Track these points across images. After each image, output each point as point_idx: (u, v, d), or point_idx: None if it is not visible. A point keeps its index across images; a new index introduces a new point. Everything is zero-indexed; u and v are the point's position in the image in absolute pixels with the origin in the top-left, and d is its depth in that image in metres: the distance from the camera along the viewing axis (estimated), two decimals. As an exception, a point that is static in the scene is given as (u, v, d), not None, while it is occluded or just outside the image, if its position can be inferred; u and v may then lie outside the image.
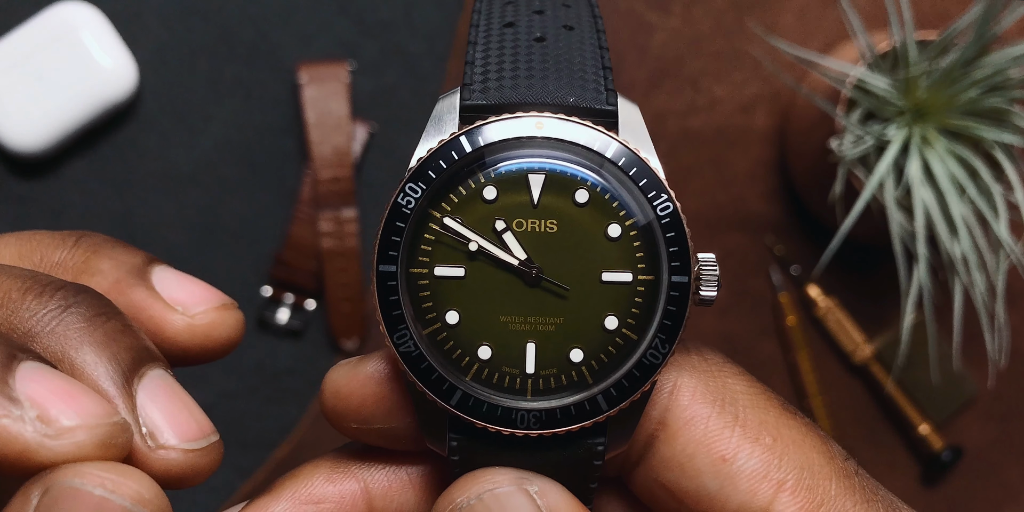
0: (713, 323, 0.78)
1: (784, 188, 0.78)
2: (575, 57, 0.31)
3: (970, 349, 0.77)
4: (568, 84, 0.30)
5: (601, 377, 0.29)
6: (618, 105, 0.30)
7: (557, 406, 0.29)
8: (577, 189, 0.29)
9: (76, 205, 0.75)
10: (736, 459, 0.30)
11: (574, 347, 0.29)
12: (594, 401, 0.29)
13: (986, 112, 0.64)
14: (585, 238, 0.29)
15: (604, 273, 0.29)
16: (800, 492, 0.30)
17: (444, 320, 0.29)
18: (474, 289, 0.29)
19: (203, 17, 0.76)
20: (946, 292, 0.66)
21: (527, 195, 0.29)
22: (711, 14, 0.78)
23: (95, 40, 0.72)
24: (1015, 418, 0.79)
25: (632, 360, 0.29)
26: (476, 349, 0.29)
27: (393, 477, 0.32)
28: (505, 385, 0.29)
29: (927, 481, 0.79)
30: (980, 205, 0.63)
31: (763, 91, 0.78)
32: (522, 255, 0.29)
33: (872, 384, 0.78)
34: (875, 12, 0.77)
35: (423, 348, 0.29)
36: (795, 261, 0.78)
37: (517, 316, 0.29)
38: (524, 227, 0.29)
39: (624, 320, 0.29)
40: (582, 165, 0.29)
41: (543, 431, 0.29)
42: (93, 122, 0.73)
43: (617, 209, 0.29)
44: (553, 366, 0.29)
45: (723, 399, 0.31)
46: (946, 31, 0.63)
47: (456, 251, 0.29)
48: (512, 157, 0.29)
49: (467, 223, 0.29)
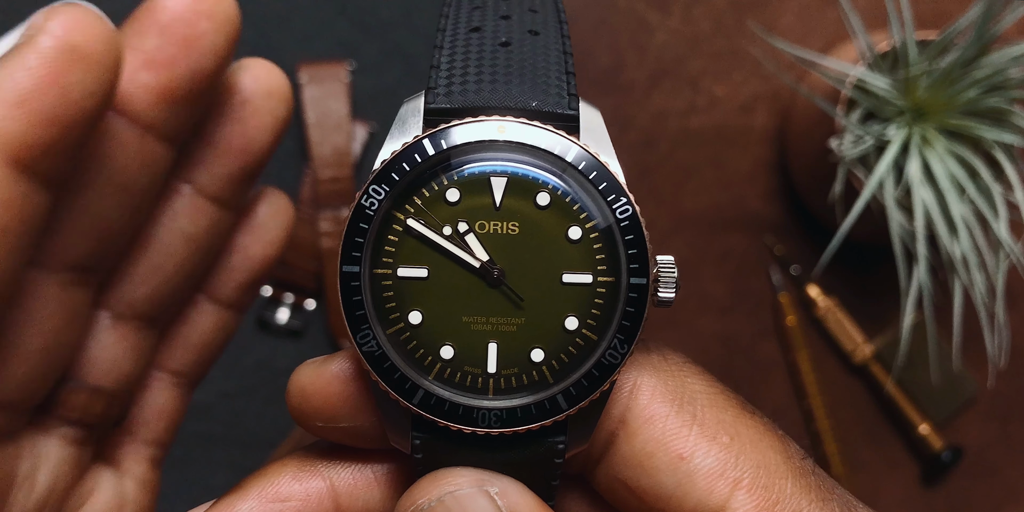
0: (713, 323, 0.78)
1: (784, 188, 0.78)
2: (539, 62, 0.31)
3: (970, 349, 0.77)
4: (531, 89, 0.30)
5: (561, 377, 0.29)
6: (580, 110, 0.30)
7: (518, 405, 0.29)
8: (539, 192, 0.29)
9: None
10: (693, 457, 0.30)
11: (535, 347, 0.30)
12: (554, 400, 0.29)
13: (986, 112, 0.64)
14: (546, 240, 0.29)
15: (565, 274, 0.29)
16: (756, 490, 0.30)
17: (407, 320, 0.29)
18: (437, 290, 0.29)
19: (203, 17, 0.76)
20: (946, 292, 0.66)
21: (489, 198, 0.29)
22: (711, 14, 0.78)
23: (95, 40, 0.72)
24: (1015, 418, 0.79)
25: (592, 360, 0.29)
26: (438, 349, 0.29)
27: (359, 475, 0.32)
28: (467, 384, 0.30)
29: (927, 481, 0.79)
30: (980, 205, 0.63)
31: (763, 91, 0.78)
32: (484, 256, 0.29)
33: (872, 384, 0.78)
34: (875, 12, 0.77)
35: (386, 348, 0.29)
36: (795, 261, 0.78)
37: (479, 316, 0.29)
38: (487, 229, 0.29)
39: (584, 321, 0.29)
40: (543, 169, 0.30)
41: (504, 430, 0.29)
42: (93, 122, 0.73)
43: (578, 212, 0.29)
44: (514, 366, 0.29)
45: (682, 398, 0.31)
46: (946, 31, 0.63)
47: (419, 252, 0.29)
48: (475, 160, 0.29)
49: (430, 225, 0.29)
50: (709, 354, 0.77)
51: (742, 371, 0.78)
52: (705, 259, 0.78)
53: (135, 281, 0.35)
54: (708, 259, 0.78)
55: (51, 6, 0.31)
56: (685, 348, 0.77)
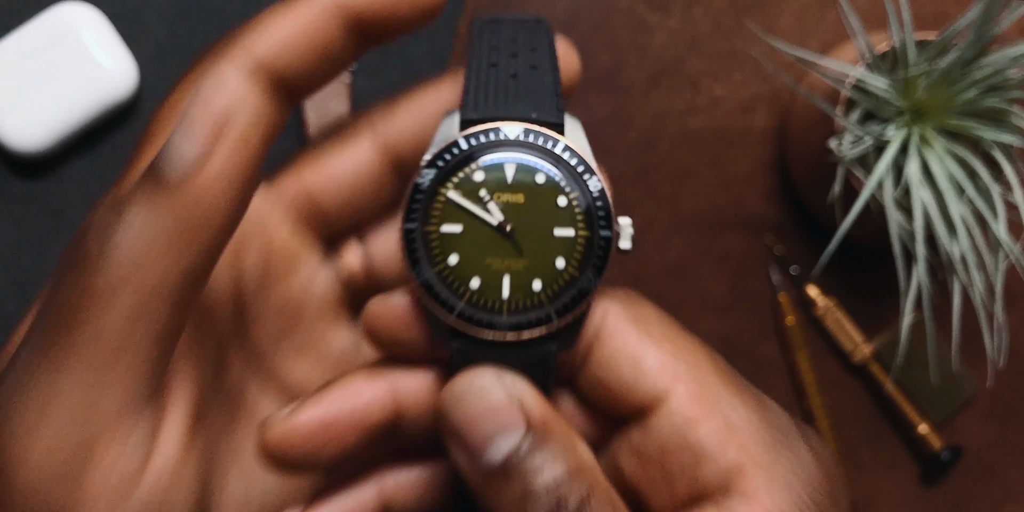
0: (712, 323, 0.78)
1: (783, 188, 0.78)
2: (538, 88, 0.43)
3: (969, 349, 0.77)
4: (532, 105, 0.42)
5: (554, 300, 0.41)
6: (564, 119, 0.42)
7: (524, 320, 0.41)
8: (536, 173, 0.41)
9: (76, 205, 0.75)
10: (645, 358, 0.41)
11: (535, 279, 0.41)
12: (548, 316, 0.41)
13: (985, 112, 0.64)
14: (542, 206, 0.41)
15: (555, 229, 0.41)
16: (689, 382, 0.41)
17: (447, 262, 0.40)
18: (468, 240, 0.41)
19: (203, 18, 0.76)
20: (945, 292, 0.66)
21: (504, 177, 0.41)
22: (710, 15, 0.78)
23: (96, 41, 0.72)
24: (1015, 418, 0.79)
25: (574, 289, 0.41)
26: (469, 281, 0.40)
27: (412, 379, 0.43)
28: (488, 306, 0.41)
29: (927, 481, 0.79)
30: (979, 205, 0.63)
31: (762, 91, 0.78)
32: (500, 217, 0.41)
33: (871, 384, 0.79)
34: (874, 14, 0.78)
35: (433, 281, 0.40)
36: (794, 261, 0.78)
37: (497, 259, 0.41)
38: (502, 199, 0.41)
39: (569, 261, 0.41)
40: (540, 157, 0.41)
41: (514, 338, 0.41)
42: (94, 122, 0.73)
43: (564, 187, 0.41)
44: (521, 292, 0.41)
45: (638, 319, 0.42)
46: (945, 32, 0.63)
47: (456, 215, 0.41)
48: (494, 152, 0.41)
49: (464, 195, 0.41)
50: (709, 354, 0.78)
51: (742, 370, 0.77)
52: (705, 259, 0.78)
53: None
54: (708, 259, 0.78)
55: None
56: (685, 348, 0.77)
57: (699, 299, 0.78)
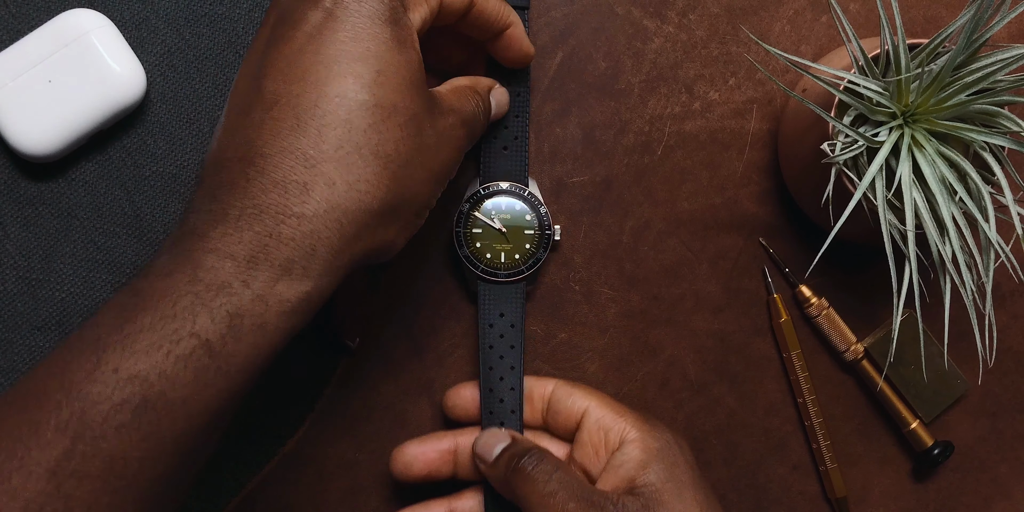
0: (708, 322, 0.79)
1: (777, 190, 0.79)
2: (517, 159, 0.76)
3: (960, 347, 0.78)
4: (514, 171, 0.76)
5: (526, 263, 0.75)
6: (528, 180, 0.76)
7: (511, 272, 0.75)
8: (516, 205, 0.75)
9: (86, 207, 0.76)
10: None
11: (516, 254, 0.75)
12: (521, 270, 0.75)
13: (975, 115, 0.65)
14: (519, 220, 0.75)
15: (525, 231, 0.75)
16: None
17: (475, 245, 0.75)
18: (486, 236, 0.75)
19: (211, 23, 0.77)
20: (936, 292, 0.67)
21: (501, 206, 0.76)
22: (706, 20, 0.79)
23: (105, 46, 0.73)
24: (1005, 414, 0.80)
25: (535, 257, 0.75)
26: (486, 255, 0.75)
27: (466, 437, 0.76)
28: (494, 265, 0.75)
29: (918, 476, 0.80)
30: (970, 206, 0.64)
31: (757, 96, 0.79)
32: (499, 225, 0.75)
33: (863, 382, 0.80)
34: (866, 20, 0.79)
35: (471, 254, 0.75)
36: (788, 261, 0.79)
37: (498, 244, 0.75)
38: (500, 216, 0.75)
39: (532, 244, 0.75)
40: (517, 198, 0.76)
41: (508, 279, 0.75)
42: (103, 126, 0.74)
43: (528, 210, 0.76)
44: (510, 260, 0.75)
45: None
46: (936, 36, 0.64)
47: (479, 223, 0.75)
48: (496, 196, 0.76)
49: (481, 214, 0.75)
50: (704, 352, 0.79)
51: (736, 368, 0.79)
52: (700, 259, 0.79)
53: None
54: (703, 259, 0.79)
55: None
56: (681, 346, 0.78)
57: (695, 299, 0.79)
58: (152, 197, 0.76)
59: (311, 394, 0.78)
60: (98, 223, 0.76)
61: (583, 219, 0.78)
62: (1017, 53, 0.62)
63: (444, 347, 0.78)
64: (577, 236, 0.78)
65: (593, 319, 0.78)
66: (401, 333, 0.78)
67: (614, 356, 0.79)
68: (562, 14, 0.79)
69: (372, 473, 0.78)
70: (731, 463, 0.79)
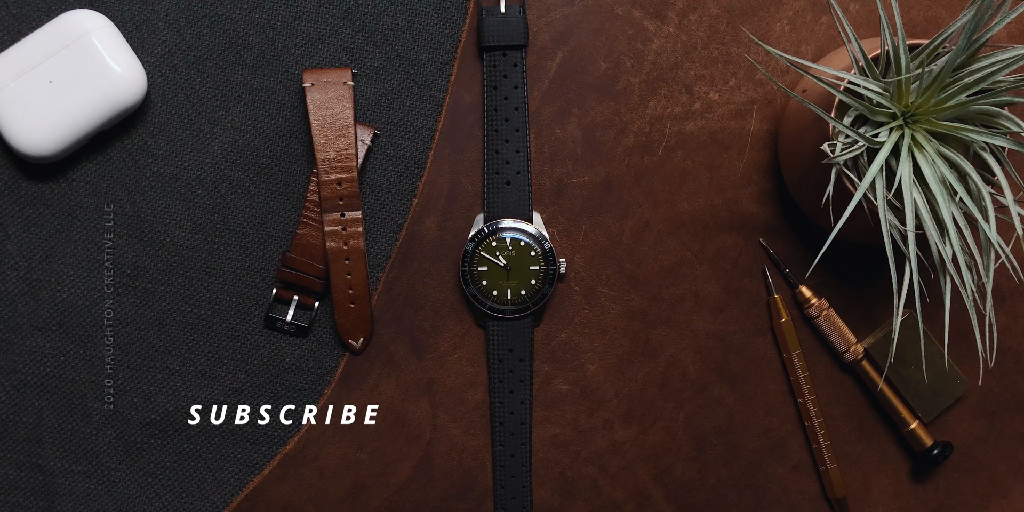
0: (708, 322, 0.79)
1: (778, 190, 0.79)
2: (520, 193, 0.78)
3: (960, 347, 0.78)
4: (518, 206, 0.77)
5: (532, 299, 0.77)
6: (533, 213, 0.78)
7: (518, 309, 0.77)
8: (520, 241, 0.76)
9: (87, 207, 0.76)
10: None
11: (522, 290, 0.76)
12: (528, 306, 0.77)
13: (975, 116, 0.65)
14: (524, 255, 0.77)
15: (530, 266, 0.76)
16: None
17: (481, 283, 0.76)
18: (492, 273, 0.76)
19: (211, 24, 0.77)
20: (936, 292, 0.66)
21: (506, 243, 0.77)
22: (706, 22, 0.79)
23: (106, 47, 0.73)
24: (1003, 414, 0.80)
25: (540, 293, 0.77)
26: (493, 291, 0.76)
27: None
28: (501, 302, 0.76)
29: (917, 476, 0.80)
30: (970, 206, 0.64)
31: (757, 96, 0.79)
32: (504, 263, 0.76)
33: (863, 382, 0.80)
34: (867, 20, 0.79)
35: (478, 292, 0.76)
36: (788, 262, 0.79)
37: (503, 281, 0.76)
38: (504, 253, 0.76)
39: (538, 280, 0.76)
40: (521, 234, 0.77)
41: (514, 315, 0.77)
42: (103, 126, 0.74)
43: (533, 246, 0.77)
44: (516, 296, 0.76)
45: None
46: (936, 36, 0.64)
47: (486, 262, 0.76)
48: (500, 233, 0.77)
49: (489, 253, 0.77)
50: (704, 352, 0.79)
51: (737, 368, 0.79)
52: (701, 260, 0.79)
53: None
54: (703, 260, 0.79)
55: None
56: (681, 346, 0.78)
57: (695, 299, 0.79)
58: (152, 197, 0.76)
59: (311, 394, 0.78)
60: (99, 224, 0.76)
61: (583, 219, 0.78)
62: (1017, 53, 0.62)
63: (444, 347, 0.78)
64: (577, 237, 0.78)
65: (593, 319, 0.78)
66: (401, 333, 0.78)
67: (614, 356, 0.79)
68: (562, 15, 0.79)
69: (372, 473, 0.78)
70: (731, 463, 0.79)
